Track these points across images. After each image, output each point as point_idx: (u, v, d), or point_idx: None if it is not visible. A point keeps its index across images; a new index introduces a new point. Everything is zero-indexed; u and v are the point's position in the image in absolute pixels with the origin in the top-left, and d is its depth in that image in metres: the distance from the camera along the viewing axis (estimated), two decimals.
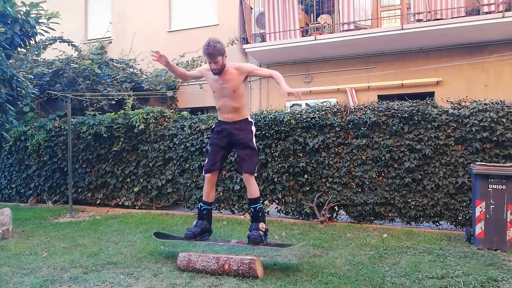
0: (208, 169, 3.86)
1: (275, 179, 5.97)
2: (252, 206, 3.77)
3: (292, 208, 5.93)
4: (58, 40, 8.63)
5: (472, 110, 5.04)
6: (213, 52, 3.50)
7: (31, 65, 8.43)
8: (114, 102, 8.26)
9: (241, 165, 3.83)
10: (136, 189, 7.02)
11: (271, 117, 6.00)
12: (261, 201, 3.80)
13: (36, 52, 8.12)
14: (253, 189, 3.74)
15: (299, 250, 4.23)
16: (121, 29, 10.91)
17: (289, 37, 8.43)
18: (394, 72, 8.22)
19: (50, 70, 8.68)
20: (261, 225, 3.69)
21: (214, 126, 3.95)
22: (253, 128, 3.84)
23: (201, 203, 3.94)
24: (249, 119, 3.85)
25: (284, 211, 6.03)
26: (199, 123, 6.59)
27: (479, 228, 4.32)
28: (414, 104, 5.38)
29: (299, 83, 9.01)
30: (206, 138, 6.36)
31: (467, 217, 5.02)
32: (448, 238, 4.73)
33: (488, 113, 4.92)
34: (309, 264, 3.73)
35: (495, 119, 4.89)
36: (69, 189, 6.87)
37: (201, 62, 9.13)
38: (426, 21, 7.34)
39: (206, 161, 3.92)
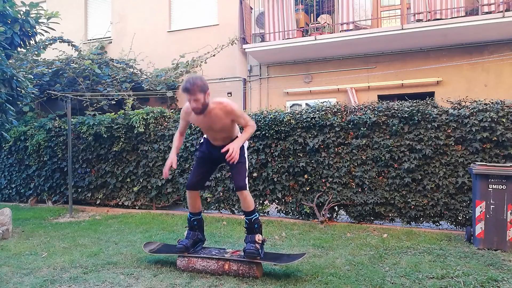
0: (189, 185, 3.66)
1: (275, 179, 5.97)
2: (246, 218, 3.47)
3: (292, 208, 5.93)
4: (58, 40, 8.63)
5: (472, 110, 5.04)
6: (192, 87, 3.08)
7: (31, 65, 8.43)
8: (114, 102, 8.26)
9: (233, 180, 3.65)
10: (136, 189, 7.02)
11: (271, 117, 5.99)
12: (257, 213, 3.52)
13: (36, 52, 8.10)
14: (248, 203, 3.43)
15: (299, 250, 4.23)
16: (121, 29, 10.90)
17: (287, 37, 8.43)
18: (394, 72, 8.21)
19: (50, 70, 8.69)
20: (257, 237, 3.42)
21: (202, 140, 3.69)
22: (245, 143, 3.54)
23: (189, 214, 3.71)
24: (239, 134, 3.50)
25: (284, 211, 6.03)
26: None
27: (479, 228, 4.32)
28: (414, 104, 5.38)
29: (299, 83, 9.02)
30: None
31: (467, 217, 5.02)
32: (448, 238, 4.73)
33: (488, 113, 4.91)
34: (309, 264, 3.73)
35: (495, 119, 4.89)
36: (69, 189, 6.87)
37: (201, 62, 9.14)
38: (426, 21, 7.34)
39: (190, 173, 3.72)
